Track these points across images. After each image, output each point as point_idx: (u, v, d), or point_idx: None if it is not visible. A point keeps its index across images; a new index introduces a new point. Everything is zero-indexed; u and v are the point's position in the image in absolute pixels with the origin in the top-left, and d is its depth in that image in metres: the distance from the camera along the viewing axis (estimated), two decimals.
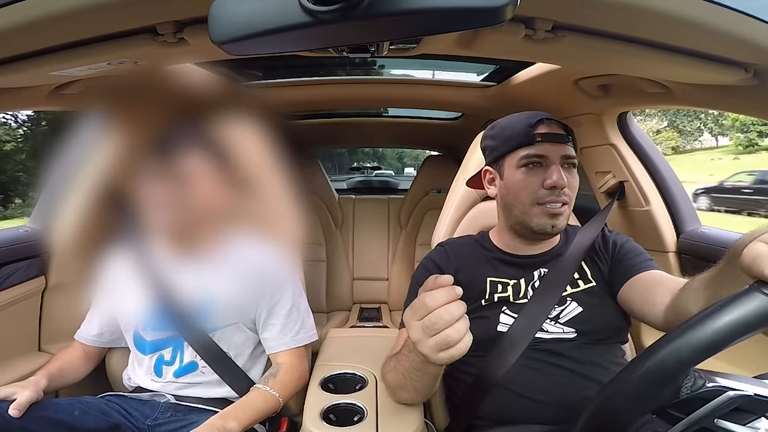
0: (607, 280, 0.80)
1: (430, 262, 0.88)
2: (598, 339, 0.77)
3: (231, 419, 0.74)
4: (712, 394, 0.41)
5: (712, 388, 0.41)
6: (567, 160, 0.78)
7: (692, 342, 0.40)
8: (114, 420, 0.81)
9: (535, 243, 0.84)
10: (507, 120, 0.84)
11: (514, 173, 0.80)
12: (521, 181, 0.78)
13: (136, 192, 0.79)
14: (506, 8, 0.34)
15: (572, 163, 0.79)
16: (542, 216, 0.77)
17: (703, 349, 0.39)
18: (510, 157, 0.80)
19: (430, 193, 2.13)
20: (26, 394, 0.74)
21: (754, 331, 0.38)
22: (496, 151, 0.83)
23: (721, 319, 0.39)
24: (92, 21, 0.53)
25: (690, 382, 0.42)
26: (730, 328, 0.38)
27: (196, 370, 0.88)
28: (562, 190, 0.76)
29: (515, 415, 0.75)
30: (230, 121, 0.79)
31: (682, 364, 0.41)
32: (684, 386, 0.42)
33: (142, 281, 0.86)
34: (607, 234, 0.86)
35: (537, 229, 0.78)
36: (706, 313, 0.40)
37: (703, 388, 0.41)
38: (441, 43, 0.75)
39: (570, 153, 0.78)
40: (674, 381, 0.42)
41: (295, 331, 0.92)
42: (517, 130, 0.80)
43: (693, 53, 0.63)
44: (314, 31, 0.35)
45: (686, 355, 0.40)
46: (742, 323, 0.38)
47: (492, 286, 0.82)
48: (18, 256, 1.02)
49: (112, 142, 0.75)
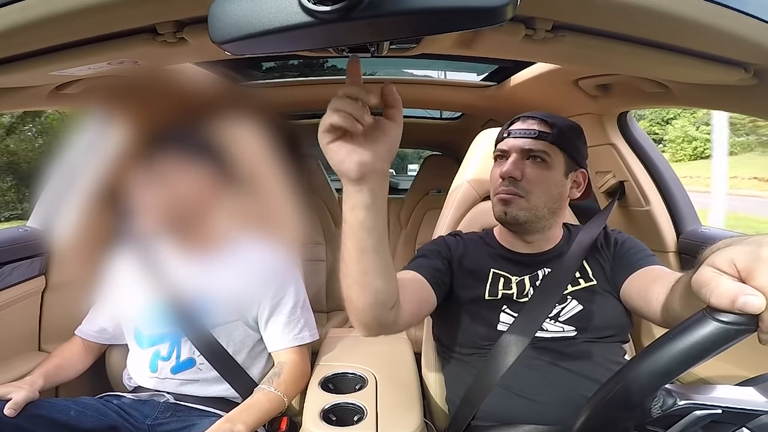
0: (609, 278, 0.80)
1: (441, 240, 0.90)
2: (598, 337, 0.77)
3: (238, 422, 0.74)
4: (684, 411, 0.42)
5: (683, 406, 0.42)
6: (529, 153, 0.80)
7: (651, 369, 0.41)
8: (111, 421, 0.81)
9: (530, 239, 0.85)
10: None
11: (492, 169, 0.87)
12: (491, 175, 0.85)
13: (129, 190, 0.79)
14: (506, 8, 0.34)
15: (534, 156, 0.80)
16: (497, 204, 0.82)
17: (661, 374, 0.40)
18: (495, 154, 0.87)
19: (430, 193, 2.13)
20: (22, 394, 0.74)
21: (709, 355, 0.38)
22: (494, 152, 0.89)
23: (675, 346, 0.39)
24: (92, 21, 0.53)
25: (659, 402, 0.42)
26: (685, 355, 0.39)
27: (193, 367, 0.88)
28: (517, 182, 0.79)
29: (515, 415, 0.74)
30: (230, 121, 0.79)
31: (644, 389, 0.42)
32: (654, 407, 0.42)
33: (144, 278, 0.86)
34: (609, 232, 0.87)
35: (497, 217, 0.83)
36: (661, 341, 0.41)
37: (674, 407, 0.42)
38: (441, 43, 0.75)
39: (533, 147, 0.80)
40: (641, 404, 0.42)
41: (298, 329, 0.92)
42: (501, 129, 0.87)
43: (693, 53, 0.63)
44: (314, 31, 0.35)
45: (647, 382, 0.41)
46: (695, 349, 0.38)
47: (494, 278, 0.82)
48: (18, 255, 1.02)
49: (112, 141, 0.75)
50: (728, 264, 0.38)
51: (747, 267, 0.37)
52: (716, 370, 0.90)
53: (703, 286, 0.39)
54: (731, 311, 0.36)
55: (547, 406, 0.73)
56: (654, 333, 1.09)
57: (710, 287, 0.38)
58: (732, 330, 0.36)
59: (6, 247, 1.00)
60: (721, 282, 0.37)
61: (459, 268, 0.84)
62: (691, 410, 0.41)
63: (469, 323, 0.81)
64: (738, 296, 0.35)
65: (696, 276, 0.40)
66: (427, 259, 0.83)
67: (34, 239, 1.06)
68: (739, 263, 0.37)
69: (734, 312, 0.36)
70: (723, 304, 0.36)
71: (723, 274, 0.38)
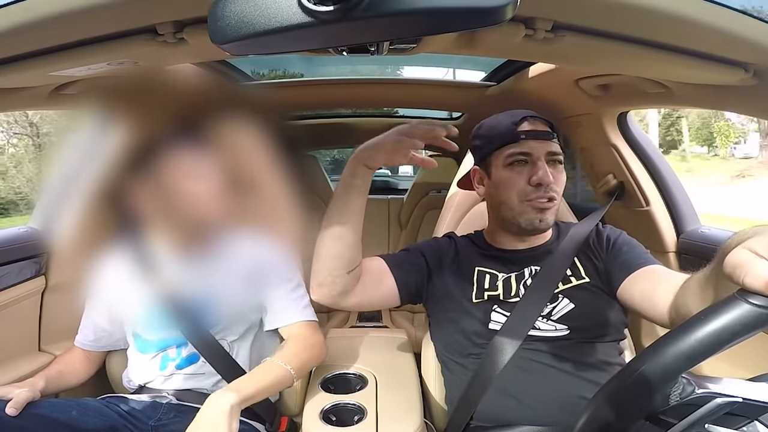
0: (603, 276, 0.80)
1: (434, 241, 0.91)
2: (591, 336, 0.76)
3: (231, 389, 0.72)
4: (702, 400, 0.41)
5: (702, 394, 0.41)
6: (552, 156, 0.79)
7: (677, 351, 0.40)
8: (113, 422, 0.81)
9: (527, 238, 0.85)
10: (492, 119, 0.86)
11: (501, 172, 0.81)
12: (508, 179, 0.80)
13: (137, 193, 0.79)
14: (506, 8, 0.34)
15: (558, 160, 0.80)
16: (530, 211, 0.79)
17: (688, 357, 0.40)
18: (496, 155, 0.82)
19: (430, 193, 2.13)
20: (23, 393, 0.74)
21: (738, 339, 0.38)
22: (482, 150, 0.85)
23: (704, 328, 0.39)
24: (92, 21, 0.53)
25: (679, 389, 0.42)
26: (714, 337, 0.38)
27: (198, 361, 0.88)
28: (549, 186, 0.78)
29: (510, 417, 0.74)
30: (230, 121, 0.79)
31: (668, 373, 0.41)
32: (673, 394, 0.42)
33: (145, 281, 0.86)
34: (601, 229, 0.86)
35: (525, 225, 0.80)
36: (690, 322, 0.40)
37: (693, 395, 0.41)
38: (441, 43, 0.75)
39: (555, 149, 0.80)
40: (661, 390, 0.42)
41: (303, 306, 0.91)
42: (502, 129, 0.82)
43: (693, 53, 0.63)
44: (314, 31, 0.35)
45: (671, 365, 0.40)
46: (725, 332, 0.38)
47: (480, 276, 0.82)
48: (18, 256, 1.02)
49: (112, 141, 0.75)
50: (766, 248, 0.38)
51: None
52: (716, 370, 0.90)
53: (738, 267, 0.39)
54: (764, 294, 0.36)
55: (542, 407, 0.72)
56: (656, 332, 1.09)
57: (745, 268, 0.38)
58: (764, 314, 0.36)
59: (6, 247, 1.00)
60: (757, 263, 0.38)
61: (445, 270, 0.84)
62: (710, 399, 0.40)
63: (461, 324, 0.81)
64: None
65: (730, 257, 0.40)
66: (407, 254, 0.86)
67: (34, 239, 1.06)
68: None
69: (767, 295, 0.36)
70: (757, 286, 0.36)
71: (759, 257, 0.38)
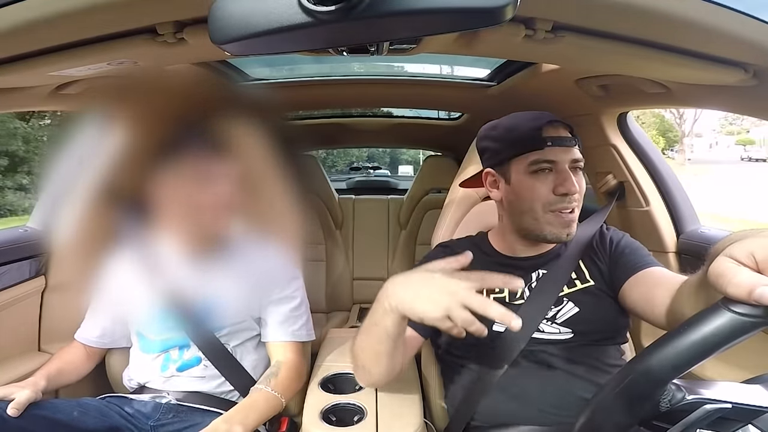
0: (606, 279, 0.79)
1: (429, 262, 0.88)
2: (595, 340, 0.76)
3: (235, 423, 0.74)
4: (692, 406, 0.41)
5: (692, 400, 0.41)
6: (575, 163, 0.76)
7: (663, 361, 0.40)
8: (113, 422, 0.81)
9: (541, 245, 0.83)
10: (511, 121, 0.81)
11: (523, 179, 0.77)
12: (531, 187, 0.76)
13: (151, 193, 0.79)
14: (506, 8, 0.34)
15: (579, 167, 0.77)
16: (556, 225, 0.76)
17: (673, 365, 0.40)
18: (517, 161, 0.77)
19: (430, 193, 2.13)
20: (25, 394, 0.74)
21: (723, 347, 0.38)
22: (500, 155, 0.80)
23: (689, 337, 0.39)
24: (92, 21, 0.53)
25: (668, 396, 0.42)
26: (699, 346, 0.38)
27: (199, 365, 0.88)
28: (573, 196, 0.75)
29: (511, 418, 0.74)
30: (230, 121, 0.79)
31: (655, 382, 0.41)
32: (663, 400, 0.42)
33: (149, 282, 0.86)
34: (605, 231, 0.85)
35: (550, 237, 0.77)
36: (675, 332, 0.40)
37: (683, 401, 0.41)
38: (441, 43, 0.75)
39: (578, 156, 0.77)
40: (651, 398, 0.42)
41: (298, 325, 0.92)
42: (524, 133, 0.77)
43: (693, 53, 0.63)
44: (314, 31, 0.35)
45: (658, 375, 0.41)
46: (709, 341, 0.38)
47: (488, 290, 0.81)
48: (18, 256, 1.02)
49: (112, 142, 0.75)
50: (747, 255, 0.38)
51: (766, 259, 0.37)
52: (717, 371, 0.90)
53: (721, 275, 0.39)
54: (747, 302, 0.36)
55: (544, 408, 0.72)
56: (657, 334, 1.09)
57: (728, 277, 0.38)
58: (748, 322, 0.36)
59: (6, 247, 1.00)
60: (739, 272, 0.37)
61: None
62: (700, 405, 0.41)
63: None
64: (755, 287, 0.35)
65: (713, 266, 0.40)
66: None
67: (34, 239, 1.06)
68: (758, 255, 0.37)
69: (750, 303, 0.36)
70: (740, 295, 0.36)
71: (741, 266, 0.38)
